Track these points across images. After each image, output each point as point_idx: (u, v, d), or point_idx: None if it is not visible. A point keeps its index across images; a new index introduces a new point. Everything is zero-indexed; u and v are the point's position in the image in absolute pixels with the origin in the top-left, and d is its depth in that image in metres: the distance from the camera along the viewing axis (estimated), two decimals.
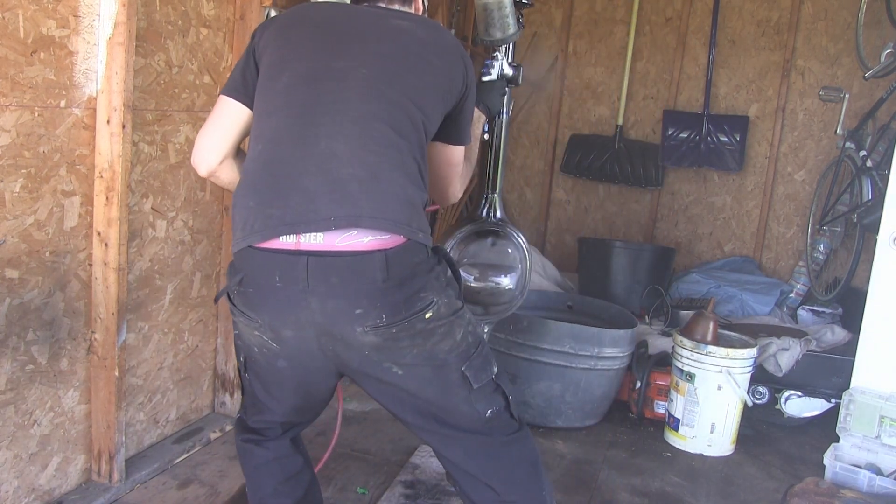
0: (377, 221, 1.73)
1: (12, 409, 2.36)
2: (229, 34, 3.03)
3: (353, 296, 1.73)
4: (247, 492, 2.24)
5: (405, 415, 1.95)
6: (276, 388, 2.01)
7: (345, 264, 1.71)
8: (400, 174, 1.80)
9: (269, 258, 1.74)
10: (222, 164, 1.97)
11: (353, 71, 1.84)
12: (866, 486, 2.97)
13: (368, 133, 1.79)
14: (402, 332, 1.78)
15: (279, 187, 1.76)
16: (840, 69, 4.93)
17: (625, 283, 4.63)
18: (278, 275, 1.73)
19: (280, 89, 1.85)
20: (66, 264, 2.46)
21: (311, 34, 1.91)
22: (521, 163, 5.71)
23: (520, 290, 2.80)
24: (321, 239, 1.72)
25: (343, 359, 1.83)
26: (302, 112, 1.80)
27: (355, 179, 1.74)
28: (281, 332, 1.80)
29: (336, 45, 1.87)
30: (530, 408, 3.62)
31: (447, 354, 1.86)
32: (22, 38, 2.18)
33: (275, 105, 1.84)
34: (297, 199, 1.74)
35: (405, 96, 1.84)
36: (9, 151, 2.20)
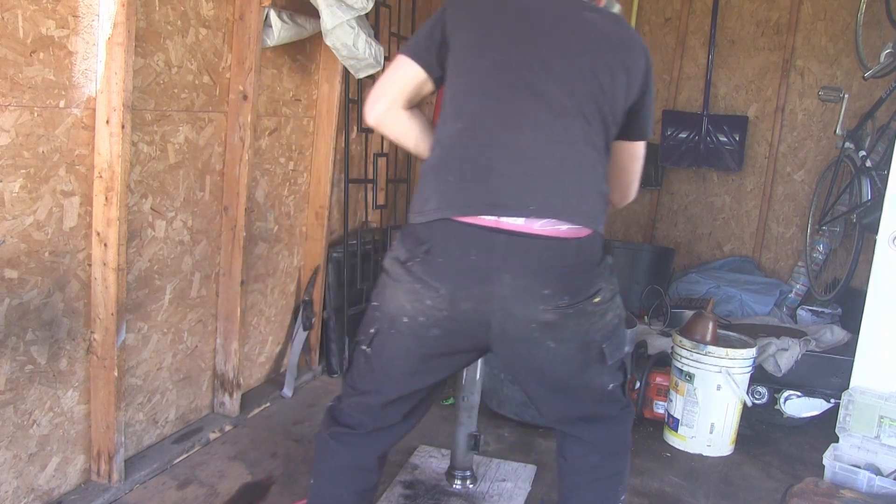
0: (573, 212, 1.87)
1: (11, 409, 2.36)
2: (228, 34, 3.03)
3: (543, 276, 1.86)
4: (311, 488, 2.20)
5: (532, 383, 2.10)
6: (403, 360, 2.04)
7: (542, 247, 1.85)
8: (592, 169, 1.94)
9: (468, 232, 1.84)
10: (388, 113, 2.02)
11: (551, 63, 1.92)
12: (866, 487, 2.97)
13: (566, 126, 1.90)
14: (575, 313, 1.91)
15: (484, 168, 1.87)
16: (839, 69, 4.93)
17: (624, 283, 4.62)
18: (475, 249, 1.84)
19: (482, 73, 1.94)
20: (66, 264, 2.46)
21: (511, 22, 1.98)
22: None
23: None
24: (521, 221, 1.84)
25: (506, 333, 1.92)
26: (506, 99, 1.90)
27: (554, 170, 1.88)
28: (459, 304, 1.88)
29: (535, 36, 1.94)
30: (530, 408, 3.61)
31: (596, 333, 1.99)
32: (21, 38, 2.18)
33: (478, 87, 1.94)
34: (500, 183, 1.85)
35: (598, 92, 1.93)
36: (8, 151, 2.20)
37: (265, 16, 3.06)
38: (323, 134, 3.77)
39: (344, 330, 4.02)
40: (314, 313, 3.91)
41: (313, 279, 3.89)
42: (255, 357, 3.67)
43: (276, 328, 3.80)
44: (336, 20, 3.06)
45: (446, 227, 1.86)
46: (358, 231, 4.19)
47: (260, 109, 3.25)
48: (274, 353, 3.83)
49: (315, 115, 3.75)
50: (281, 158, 3.55)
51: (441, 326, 1.94)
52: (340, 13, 3.06)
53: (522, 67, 1.92)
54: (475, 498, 2.91)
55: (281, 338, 3.85)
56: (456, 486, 2.95)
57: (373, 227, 4.45)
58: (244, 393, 3.49)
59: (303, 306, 3.86)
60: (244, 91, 3.07)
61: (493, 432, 3.54)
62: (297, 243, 3.83)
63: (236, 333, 3.27)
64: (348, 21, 3.10)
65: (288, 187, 3.65)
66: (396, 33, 4.28)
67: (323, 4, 3.03)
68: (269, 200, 3.51)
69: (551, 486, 3.09)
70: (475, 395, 2.91)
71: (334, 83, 3.70)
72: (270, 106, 3.39)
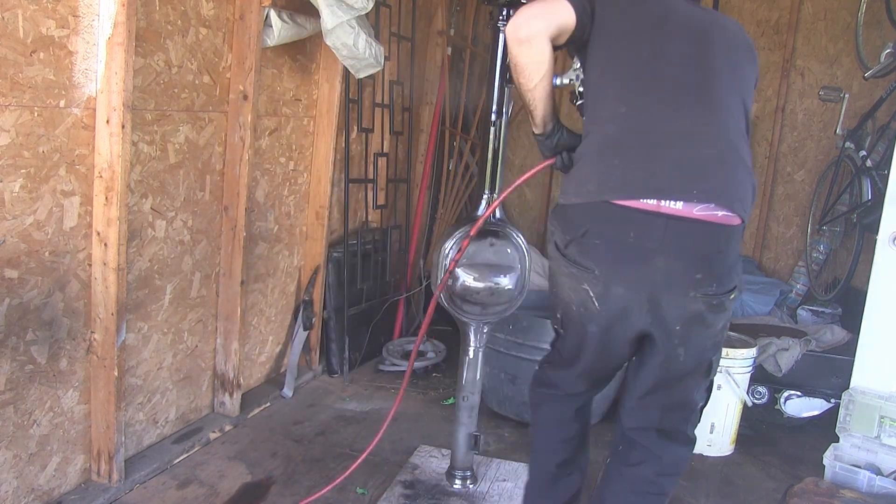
0: (730, 199, 1.91)
1: (12, 409, 2.36)
2: (229, 34, 3.03)
3: (697, 261, 1.92)
4: (531, 435, 2.50)
5: (645, 378, 2.13)
6: (579, 345, 2.16)
7: (699, 231, 1.89)
8: (745, 159, 2.00)
9: (627, 214, 1.88)
10: (541, 35, 1.98)
11: (706, 56, 2.02)
12: (866, 486, 2.97)
13: (725, 121, 1.98)
14: (717, 305, 1.97)
15: (648, 154, 1.92)
16: (840, 69, 4.92)
17: None
18: (633, 231, 1.89)
19: (643, 60, 2.01)
20: (66, 264, 2.46)
21: (662, 15, 2.05)
22: (521, 162, 5.71)
23: (519, 290, 2.79)
24: (680, 206, 1.87)
25: (654, 322, 1.99)
26: (668, 88, 1.98)
27: (716, 160, 1.93)
28: (611, 288, 1.95)
29: (688, 30, 2.04)
30: (530, 408, 3.61)
31: (714, 339, 2.08)
32: (21, 38, 2.18)
33: (638, 74, 2.00)
34: (664, 168, 1.90)
35: (743, 89, 2.05)
36: (8, 151, 2.20)
37: (265, 15, 3.06)
38: (323, 134, 3.77)
39: (344, 330, 4.02)
40: (314, 313, 3.91)
41: (313, 279, 3.89)
42: (256, 357, 3.67)
43: (277, 328, 3.80)
44: (336, 20, 3.06)
45: (605, 209, 1.90)
46: (358, 231, 4.19)
47: (260, 109, 3.25)
48: (274, 353, 3.83)
49: (315, 114, 3.75)
50: (281, 158, 3.55)
51: (596, 322, 2.04)
52: (341, 13, 3.06)
53: (682, 59, 2.00)
54: (475, 498, 2.91)
55: (281, 337, 3.85)
56: (456, 486, 2.95)
57: (373, 226, 4.45)
58: (244, 393, 3.48)
59: (303, 306, 3.86)
60: (244, 91, 3.07)
61: (493, 432, 3.54)
62: (297, 243, 3.83)
63: (236, 333, 3.27)
64: (348, 21, 3.10)
65: (288, 187, 3.65)
66: (396, 33, 4.28)
67: (323, 4, 3.03)
68: (269, 200, 3.51)
69: None
70: (475, 395, 2.91)
71: (334, 83, 3.70)
72: (271, 106, 3.39)
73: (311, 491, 2.87)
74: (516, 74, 2.07)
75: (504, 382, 3.63)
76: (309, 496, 2.79)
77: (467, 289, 2.74)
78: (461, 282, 2.73)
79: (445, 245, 2.76)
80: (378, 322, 4.35)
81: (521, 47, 2.00)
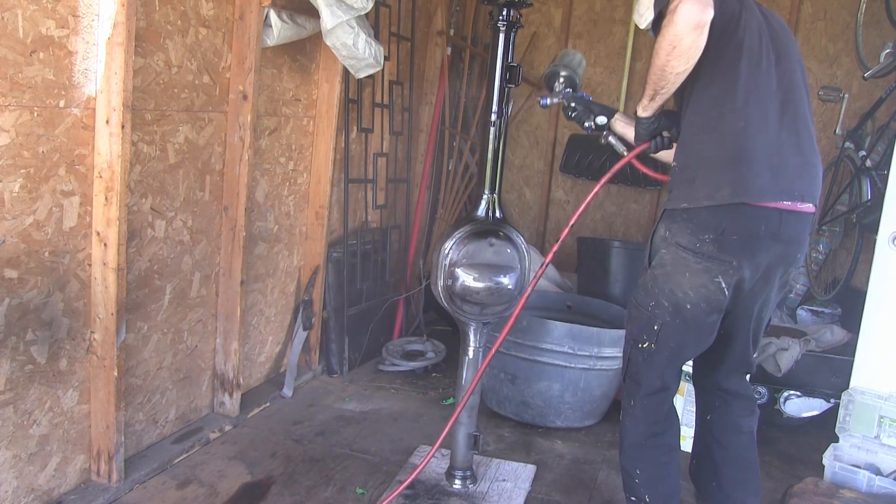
0: (815, 196, 2.35)
1: (11, 409, 2.36)
2: (228, 34, 3.03)
3: (797, 243, 2.36)
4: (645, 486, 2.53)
5: (743, 329, 2.48)
6: (684, 348, 2.43)
7: (801, 220, 2.33)
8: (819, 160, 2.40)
9: (758, 213, 2.25)
10: (707, 26, 2.11)
11: (796, 73, 2.37)
12: (865, 487, 2.97)
13: (809, 128, 2.36)
14: (791, 274, 2.49)
15: (769, 163, 2.25)
16: (839, 69, 4.92)
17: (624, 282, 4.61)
18: (763, 225, 2.25)
19: (762, 75, 2.29)
20: (66, 264, 2.46)
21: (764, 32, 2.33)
22: (521, 163, 5.71)
23: (519, 290, 2.79)
24: (793, 202, 2.28)
25: (761, 295, 2.41)
26: (779, 101, 2.30)
27: (810, 164, 2.34)
28: (743, 274, 2.29)
29: (781, 47, 2.35)
30: (529, 408, 3.62)
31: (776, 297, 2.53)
32: (21, 38, 2.18)
33: (760, 88, 2.28)
34: (782, 174, 2.26)
35: (807, 94, 2.40)
36: (8, 151, 2.20)
37: (265, 15, 3.06)
38: (323, 133, 3.77)
39: (344, 330, 4.02)
40: (314, 313, 3.91)
41: (313, 279, 3.89)
42: (255, 357, 3.67)
43: (276, 328, 3.80)
44: (336, 20, 3.06)
45: (741, 209, 2.24)
46: (358, 231, 4.19)
47: (260, 109, 3.25)
48: (274, 353, 3.83)
49: (315, 114, 3.75)
50: (281, 158, 3.55)
51: (718, 310, 2.33)
52: (340, 13, 3.06)
53: (778, 73, 2.31)
54: (475, 498, 2.91)
55: (281, 337, 3.85)
56: (456, 486, 2.95)
57: (373, 226, 4.44)
58: (244, 393, 3.48)
59: (303, 306, 3.86)
60: (244, 91, 3.07)
61: (492, 432, 3.54)
62: (296, 243, 3.83)
63: (236, 333, 3.27)
64: (348, 21, 3.10)
65: (288, 187, 3.65)
66: (396, 33, 4.28)
67: (323, 4, 3.03)
68: (268, 200, 3.51)
69: (551, 486, 3.09)
70: (475, 395, 2.91)
71: (334, 83, 3.70)
72: (270, 106, 3.39)
73: (310, 491, 2.87)
74: (673, 57, 2.15)
75: (503, 382, 3.63)
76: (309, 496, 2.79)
77: (467, 289, 2.74)
78: (461, 281, 2.73)
79: (445, 245, 2.76)
80: (378, 322, 4.35)
81: (696, 31, 2.10)
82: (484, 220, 2.82)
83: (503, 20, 2.71)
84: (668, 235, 2.33)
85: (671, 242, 2.31)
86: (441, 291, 2.78)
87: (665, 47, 2.13)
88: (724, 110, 2.27)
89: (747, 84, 2.26)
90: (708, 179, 2.26)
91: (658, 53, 2.16)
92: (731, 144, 2.26)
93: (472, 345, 2.88)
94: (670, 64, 2.16)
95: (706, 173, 2.28)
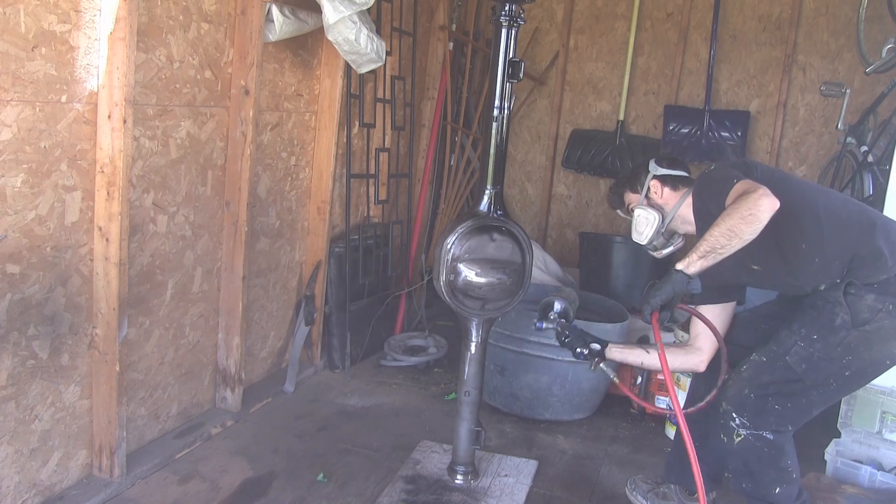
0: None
1: (13, 404, 2.36)
2: (230, 29, 3.02)
3: None
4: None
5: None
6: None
7: None
8: None
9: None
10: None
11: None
12: (867, 482, 2.97)
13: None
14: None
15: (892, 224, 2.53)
16: (841, 64, 4.91)
17: (626, 278, 4.61)
18: None
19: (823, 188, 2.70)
20: (68, 259, 2.46)
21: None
22: (523, 158, 5.70)
23: (521, 285, 2.79)
24: None
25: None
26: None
27: None
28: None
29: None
30: (518, 400, 3.63)
31: None
32: (23, 34, 2.17)
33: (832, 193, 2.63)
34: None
35: None
36: (10, 146, 2.20)
37: (267, 11, 3.06)
38: (325, 129, 3.76)
39: (345, 325, 4.02)
40: (316, 308, 3.91)
41: (315, 274, 3.89)
42: (257, 352, 3.67)
43: (278, 323, 3.80)
44: (338, 15, 3.06)
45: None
46: (359, 226, 4.19)
47: (262, 104, 3.25)
48: (276, 349, 3.83)
49: (317, 109, 3.74)
50: (283, 153, 3.55)
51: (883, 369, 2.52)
52: (342, 8, 3.05)
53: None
54: (477, 493, 2.91)
55: (283, 333, 3.85)
56: (458, 481, 2.95)
57: (374, 221, 4.44)
58: (246, 388, 3.48)
59: (304, 301, 3.86)
60: (246, 86, 3.06)
61: (494, 427, 3.54)
62: (298, 238, 3.83)
63: (238, 328, 3.27)
64: (350, 16, 3.10)
65: (290, 182, 3.65)
66: (398, 28, 4.27)
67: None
68: (270, 195, 3.51)
69: (553, 481, 3.09)
70: (477, 391, 2.92)
71: (336, 78, 3.69)
72: (272, 101, 3.39)
73: (312, 486, 2.87)
74: (748, 224, 2.29)
75: (493, 374, 3.64)
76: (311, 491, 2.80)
77: (469, 284, 2.74)
78: (463, 276, 2.73)
79: (447, 240, 2.76)
80: (379, 317, 4.34)
81: (770, 214, 2.27)
82: (486, 216, 2.82)
83: (505, 15, 2.70)
84: (889, 307, 2.40)
85: (894, 313, 2.40)
86: (443, 286, 2.78)
87: (741, 213, 2.28)
88: (843, 213, 2.49)
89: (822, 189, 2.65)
90: (885, 251, 2.42)
91: (730, 216, 2.30)
92: (873, 220, 2.48)
93: (474, 340, 2.88)
94: (744, 231, 2.28)
95: (880, 248, 2.43)
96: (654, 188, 2.75)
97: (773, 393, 2.48)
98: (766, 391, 2.48)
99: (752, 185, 2.34)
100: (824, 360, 2.43)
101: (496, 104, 2.77)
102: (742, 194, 2.32)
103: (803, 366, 2.45)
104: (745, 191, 2.33)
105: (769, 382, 2.49)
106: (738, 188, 2.37)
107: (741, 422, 2.50)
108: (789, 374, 2.46)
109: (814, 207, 2.49)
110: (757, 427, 2.48)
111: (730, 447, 2.53)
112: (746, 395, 2.50)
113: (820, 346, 2.43)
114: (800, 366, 2.45)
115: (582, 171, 5.47)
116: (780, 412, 2.48)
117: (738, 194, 2.34)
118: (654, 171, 2.76)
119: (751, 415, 2.48)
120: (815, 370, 2.44)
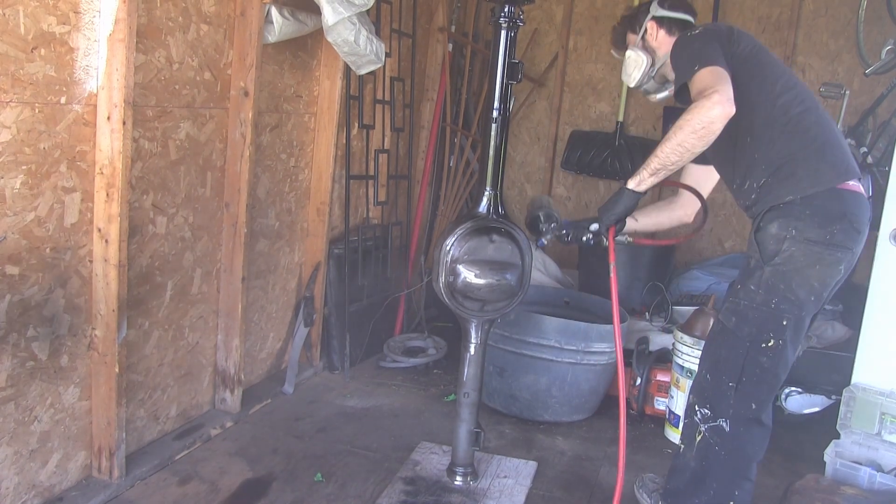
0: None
1: (13, 405, 2.36)
2: (230, 30, 3.02)
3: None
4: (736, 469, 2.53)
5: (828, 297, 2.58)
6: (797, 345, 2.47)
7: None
8: None
9: (859, 196, 2.40)
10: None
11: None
12: (867, 483, 2.96)
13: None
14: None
15: (840, 147, 2.45)
16: (840, 66, 4.92)
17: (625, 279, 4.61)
18: (866, 212, 2.42)
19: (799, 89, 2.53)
20: (67, 261, 2.46)
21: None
22: (522, 159, 5.70)
23: (520, 286, 2.79)
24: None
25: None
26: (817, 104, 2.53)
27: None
28: (854, 260, 2.40)
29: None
30: (517, 401, 3.63)
31: None
32: (22, 35, 2.17)
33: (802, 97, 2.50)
34: (850, 157, 2.44)
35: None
36: (9, 148, 2.20)
37: (266, 12, 3.06)
38: (324, 130, 3.76)
39: (345, 326, 4.02)
40: (315, 309, 3.91)
41: (314, 275, 3.89)
42: (256, 353, 3.67)
43: (278, 324, 3.80)
44: (337, 16, 3.06)
45: (845, 194, 2.36)
46: (359, 227, 4.19)
47: (261, 106, 3.25)
48: (275, 350, 3.83)
49: (316, 111, 3.75)
50: (282, 155, 3.55)
51: (823, 299, 2.42)
52: (342, 9, 3.05)
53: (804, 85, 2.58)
54: (476, 494, 2.91)
55: (282, 334, 3.85)
56: (457, 483, 2.95)
57: (374, 223, 4.44)
58: (245, 389, 3.48)
59: (304, 302, 3.86)
60: (245, 87, 3.07)
61: (493, 429, 3.54)
62: (297, 239, 3.83)
63: (237, 330, 3.27)
64: (349, 17, 3.10)
65: (289, 183, 3.65)
66: (397, 29, 4.27)
67: (324, 1, 3.02)
68: (270, 197, 3.51)
69: (552, 483, 3.09)
70: (476, 392, 2.92)
71: (335, 79, 3.69)
72: (271, 102, 3.39)
73: (312, 487, 2.87)
74: (697, 137, 2.26)
75: (492, 375, 3.65)
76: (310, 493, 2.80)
77: (468, 285, 2.74)
78: (462, 278, 2.73)
79: (447, 241, 2.76)
80: (379, 318, 4.35)
81: (724, 122, 2.24)
82: (485, 217, 2.82)
83: (504, 17, 2.71)
84: (793, 232, 2.36)
85: (799, 239, 2.35)
86: (442, 288, 2.78)
87: (692, 126, 2.24)
88: (794, 113, 2.44)
89: (799, 87, 2.50)
90: (810, 169, 2.38)
91: (682, 129, 2.25)
92: (816, 136, 2.42)
93: (474, 341, 2.88)
94: (694, 143, 2.26)
95: (805, 165, 2.39)
96: (651, 30, 2.73)
97: (725, 370, 2.46)
98: (718, 368, 2.47)
99: (714, 79, 2.27)
100: (750, 307, 2.40)
101: (495, 105, 2.77)
102: (699, 93, 2.26)
103: (733, 319, 2.44)
104: (704, 88, 2.26)
105: (719, 359, 2.49)
106: (701, 79, 2.31)
107: (702, 414, 2.49)
108: (731, 341, 2.45)
109: (771, 107, 2.46)
110: (716, 415, 2.46)
111: (687, 456, 2.55)
112: (703, 376, 2.53)
113: (742, 293, 2.42)
114: (730, 320, 2.45)
115: (581, 172, 5.47)
116: (735, 389, 2.44)
117: (698, 91, 2.29)
118: (653, 13, 2.72)
119: (711, 402, 2.48)
120: (744, 321, 2.42)
